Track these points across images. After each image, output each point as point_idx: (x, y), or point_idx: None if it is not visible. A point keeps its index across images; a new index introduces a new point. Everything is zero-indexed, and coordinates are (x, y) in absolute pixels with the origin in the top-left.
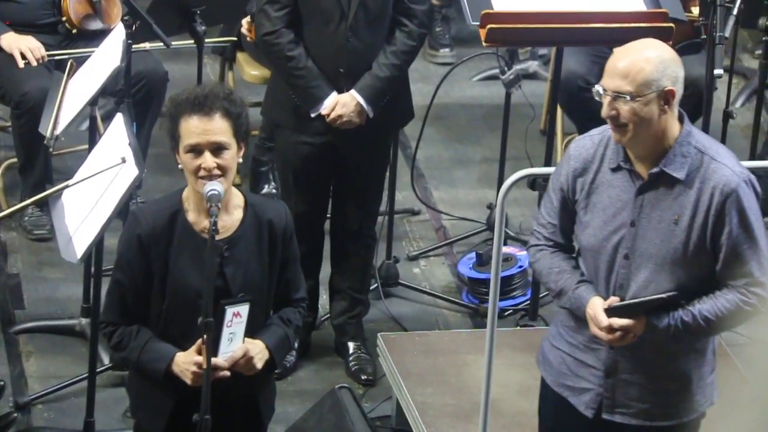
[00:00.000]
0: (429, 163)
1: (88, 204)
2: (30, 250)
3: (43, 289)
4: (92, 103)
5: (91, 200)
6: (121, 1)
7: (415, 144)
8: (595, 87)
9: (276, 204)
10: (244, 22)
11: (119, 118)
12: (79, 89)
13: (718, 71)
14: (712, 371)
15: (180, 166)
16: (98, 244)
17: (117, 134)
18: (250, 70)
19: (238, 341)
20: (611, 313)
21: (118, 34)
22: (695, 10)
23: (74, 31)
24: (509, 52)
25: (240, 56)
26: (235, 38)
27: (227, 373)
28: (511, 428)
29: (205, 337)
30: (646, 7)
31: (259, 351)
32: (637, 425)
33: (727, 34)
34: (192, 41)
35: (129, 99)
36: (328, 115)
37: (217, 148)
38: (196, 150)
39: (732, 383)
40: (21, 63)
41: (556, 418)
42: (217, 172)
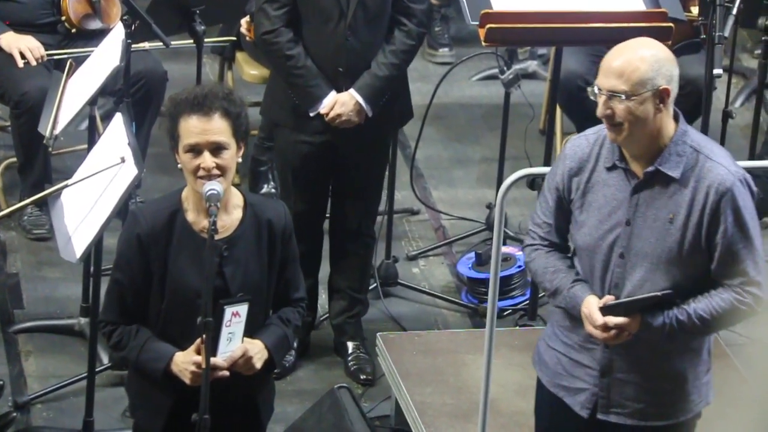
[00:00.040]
0: (428, 163)
1: (88, 204)
2: (29, 250)
3: (42, 289)
4: (91, 102)
5: (90, 200)
6: (121, 0)
7: (414, 143)
8: (589, 87)
9: (275, 204)
10: (244, 22)
11: (118, 118)
12: (79, 89)
13: (717, 71)
14: (708, 371)
15: (179, 166)
16: (97, 244)
17: (116, 134)
18: (250, 70)
19: (237, 341)
20: (606, 311)
21: (118, 33)
22: (695, 10)
23: (73, 30)
24: (508, 52)
25: (239, 56)
26: (234, 38)
27: (226, 373)
28: (510, 428)
29: (204, 336)
30: (645, 7)
31: (258, 351)
32: (632, 425)
33: (726, 33)
34: (191, 41)
35: (128, 98)
36: (327, 114)
37: (216, 148)
38: (196, 150)
39: (731, 383)
40: (20, 62)
41: (552, 419)
42: (216, 171)
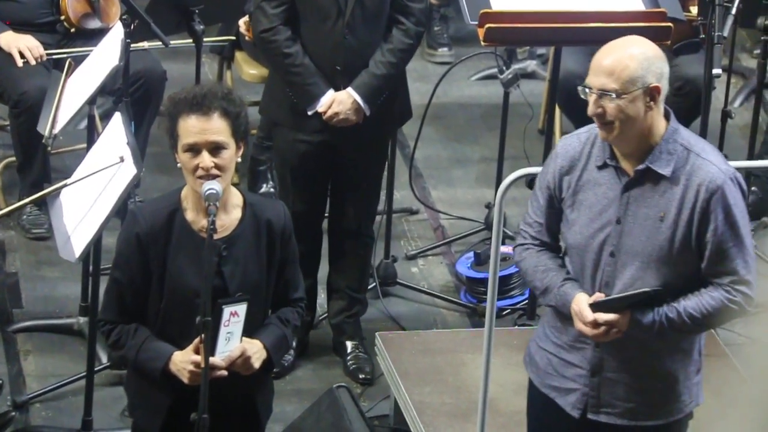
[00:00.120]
0: (427, 163)
1: (87, 203)
2: (28, 249)
3: (41, 288)
4: (91, 102)
5: (89, 199)
6: (120, 0)
7: (413, 143)
8: (580, 86)
9: (275, 203)
10: (242, 22)
11: (117, 117)
12: (78, 88)
13: (716, 71)
14: (699, 371)
15: (179, 165)
16: (96, 243)
17: (115, 133)
18: (249, 69)
19: (235, 341)
20: (596, 308)
21: (117, 33)
22: (694, 10)
23: (73, 30)
24: (507, 52)
25: (238, 55)
26: (233, 37)
27: (224, 373)
28: (509, 427)
29: (202, 336)
30: (644, 7)
31: (256, 351)
32: (623, 425)
33: (725, 33)
34: (190, 40)
35: (127, 98)
36: (325, 113)
37: (215, 148)
38: (194, 149)
39: (730, 383)
40: (19, 62)
41: (544, 419)
42: (215, 171)
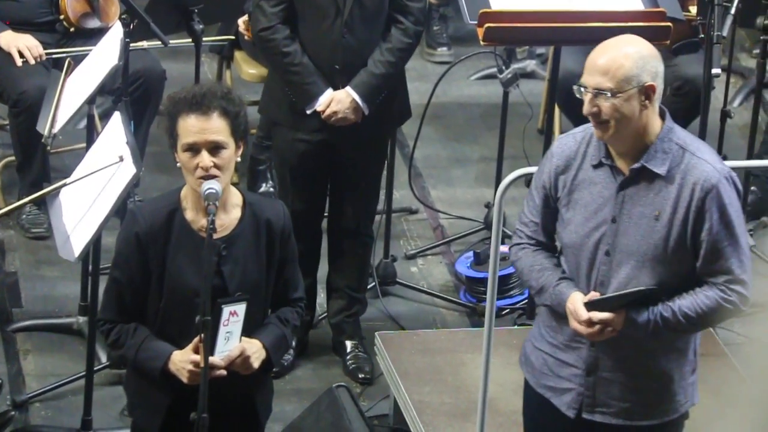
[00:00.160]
0: (427, 162)
1: (86, 202)
2: (28, 249)
3: (40, 288)
4: (90, 101)
5: (88, 198)
6: None
7: (412, 143)
8: (575, 85)
9: (274, 203)
10: (242, 21)
11: (117, 117)
12: (77, 88)
13: (715, 70)
14: (694, 371)
15: (178, 165)
16: (96, 243)
17: (115, 133)
18: (248, 69)
19: (234, 340)
20: (591, 307)
21: (116, 32)
22: (693, 9)
23: (72, 29)
24: (507, 51)
25: (238, 55)
26: (232, 37)
27: (223, 372)
28: (508, 427)
29: (202, 335)
30: (643, 6)
31: (256, 350)
32: (618, 425)
33: (725, 33)
34: (190, 40)
35: (126, 97)
36: (324, 112)
37: (214, 147)
38: (194, 149)
39: (730, 382)
40: (19, 61)
41: (539, 419)
42: (214, 171)
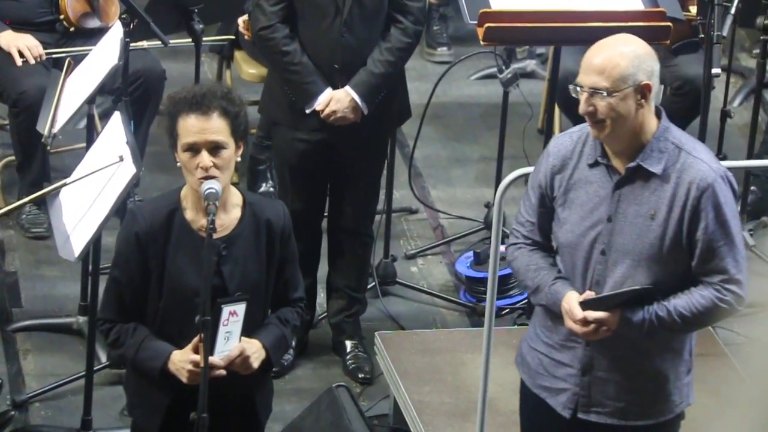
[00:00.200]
0: (427, 162)
1: (86, 202)
2: (27, 248)
3: (40, 287)
4: (90, 101)
5: (88, 198)
6: None
7: (412, 143)
8: (571, 84)
9: (274, 203)
10: (242, 21)
11: (117, 117)
12: (77, 87)
13: (715, 70)
14: (689, 372)
15: (178, 164)
16: (96, 242)
17: (114, 132)
18: (248, 69)
19: (234, 340)
20: (586, 306)
21: (116, 32)
22: (693, 9)
23: (72, 29)
24: (507, 51)
25: (238, 54)
26: (232, 37)
27: (223, 372)
28: (508, 427)
29: (201, 335)
30: (643, 6)
31: (255, 350)
32: (613, 424)
33: (725, 33)
34: (189, 40)
35: (126, 97)
36: (323, 111)
37: (214, 147)
38: (194, 149)
39: (730, 382)
40: (19, 61)
41: (535, 420)
42: (214, 171)
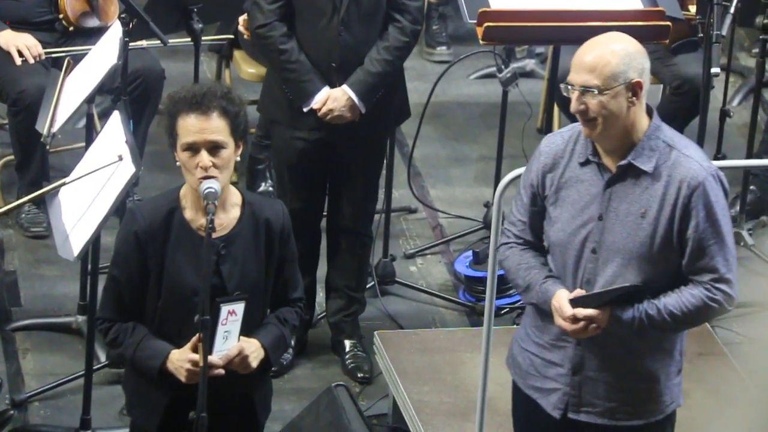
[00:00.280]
0: (426, 162)
1: (85, 201)
2: (27, 248)
3: (39, 287)
4: (89, 100)
5: (88, 198)
6: None
7: (412, 142)
8: (562, 83)
9: (273, 203)
10: (241, 20)
11: (116, 116)
12: (76, 87)
13: (715, 70)
14: (679, 372)
15: (178, 164)
16: (95, 242)
17: (114, 132)
18: (247, 68)
19: (233, 339)
20: (575, 303)
21: (115, 31)
22: (692, 9)
23: (71, 28)
24: (506, 51)
25: (237, 54)
26: (232, 36)
27: (221, 372)
28: (508, 426)
29: (200, 334)
30: (643, 6)
31: (254, 350)
32: (603, 425)
33: (724, 32)
34: (189, 39)
35: (126, 97)
36: (320, 110)
37: (214, 147)
38: (193, 148)
39: (730, 382)
40: (18, 60)
41: (526, 421)
42: (213, 170)
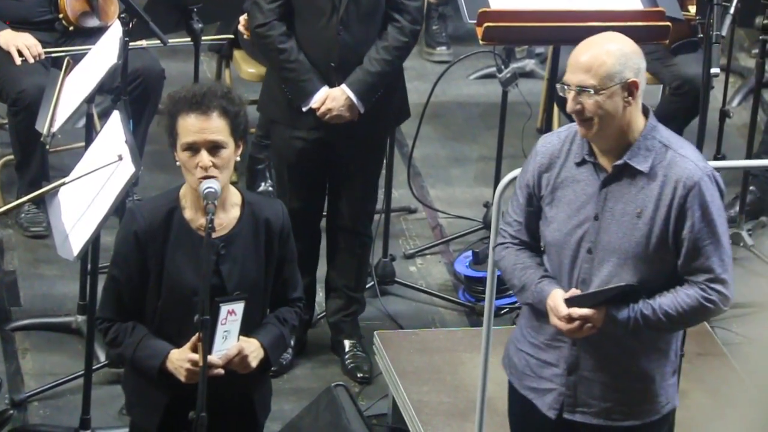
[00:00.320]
0: (426, 162)
1: (85, 201)
2: (26, 247)
3: (39, 287)
4: (89, 100)
5: (87, 198)
6: None
7: (411, 142)
8: (558, 83)
9: (273, 202)
10: (241, 20)
11: (116, 116)
12: (76, 86)
13: (714, 70)
14: (674, 372)
15: (178, 164)
16: (95, 242)
17: (113, 132)
18: (247, 68)
19: (232, 339)
20: (571, 303)
21: (115, 31)
22: (692, 9)
23: (71, 28)
24: (506, 51)
25: (237, 54)
26: (231, 36)
27: (221, 371)
28: (507, 426)
29: (200, 334)
30: (642, 6)
31: (254, 349)
32: (598, 425)
33: (724, 32)
34: (189, 39)
35: (126, 96)
36: (319, 109)
37: (214, 147)
38: (193, 148)
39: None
40: (18, 60)
41: (523, 421)
42: (213, 170)
